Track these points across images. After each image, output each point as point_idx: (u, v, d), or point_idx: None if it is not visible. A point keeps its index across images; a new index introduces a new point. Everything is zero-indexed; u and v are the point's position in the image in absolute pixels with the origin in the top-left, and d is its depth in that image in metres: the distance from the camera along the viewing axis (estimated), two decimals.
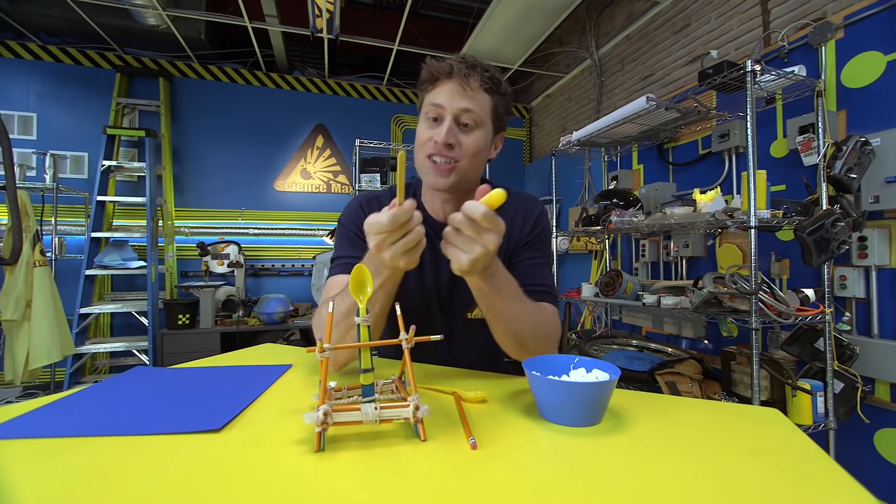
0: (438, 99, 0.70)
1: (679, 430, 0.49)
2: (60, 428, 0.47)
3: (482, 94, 0.71)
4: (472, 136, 0.72)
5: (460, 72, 0.69)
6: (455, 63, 0.70)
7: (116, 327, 3.05)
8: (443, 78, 0.71)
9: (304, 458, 0.42)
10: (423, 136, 0.72)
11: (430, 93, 0.72)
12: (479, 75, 0.70)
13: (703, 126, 2.03)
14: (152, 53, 3.16)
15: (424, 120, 0.73)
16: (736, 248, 2.00)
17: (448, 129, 0.69)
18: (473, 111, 0.71)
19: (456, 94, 0.70)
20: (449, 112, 0.70)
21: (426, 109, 0.72)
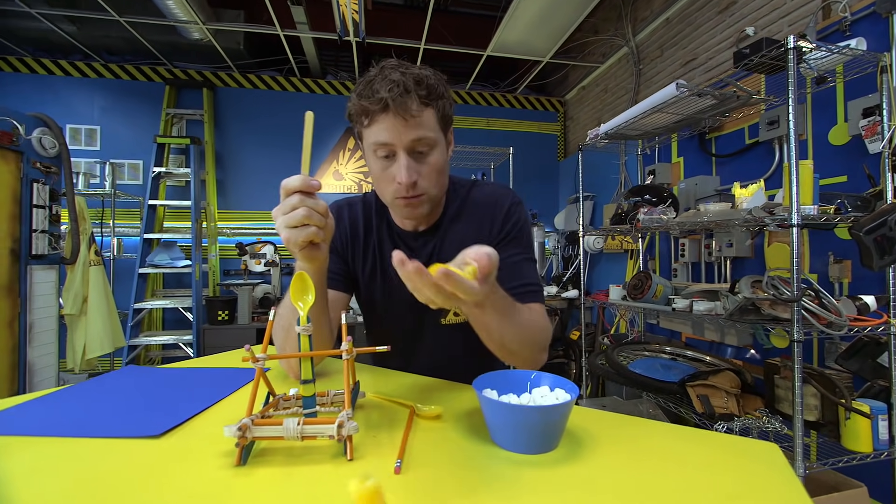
0: (382, 137, 0.64)
1: (646, 464, 0.43)
2: (11, 426, 0.49)
3: (425, 111, 0.64)
4: (431, 160, 0.67)
5: (396, 102, 0.61)
6: (386, 93, 0.61)
7: (167, 321, 3.30)
8: (378, 113, 0.63)
9: (221, 473, 0.40)
10: (382, 177, 0.68)
11: (370, 129, 0.65)
12: (416, 95, 0.63)
13: (749, 112, 1.83)
14: (197, 66, 3.37)
15: (374, 157, 0.67)
16: (787, 248, 1.79)
17: (407, 167, 0.64)
18: (425, 136, 0.64)
19: (399, 127, 0.63)
20: (400, 147, 0.64)
21: (371, 146, 0.66)
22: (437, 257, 0.78)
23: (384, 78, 0.63)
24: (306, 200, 0.52)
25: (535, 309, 0.69)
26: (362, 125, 0.66)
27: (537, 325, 0.67)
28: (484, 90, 3.91)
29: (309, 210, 0.52)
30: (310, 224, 0.52)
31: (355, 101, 0.65)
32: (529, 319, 0.66)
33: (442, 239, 0.78)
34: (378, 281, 0.80)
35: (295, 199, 0.51)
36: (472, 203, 0.78)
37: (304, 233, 0.52)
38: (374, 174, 0.70)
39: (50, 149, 2.03)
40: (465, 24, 3.20)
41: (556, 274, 3.55)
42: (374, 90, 0.62)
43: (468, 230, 0.77)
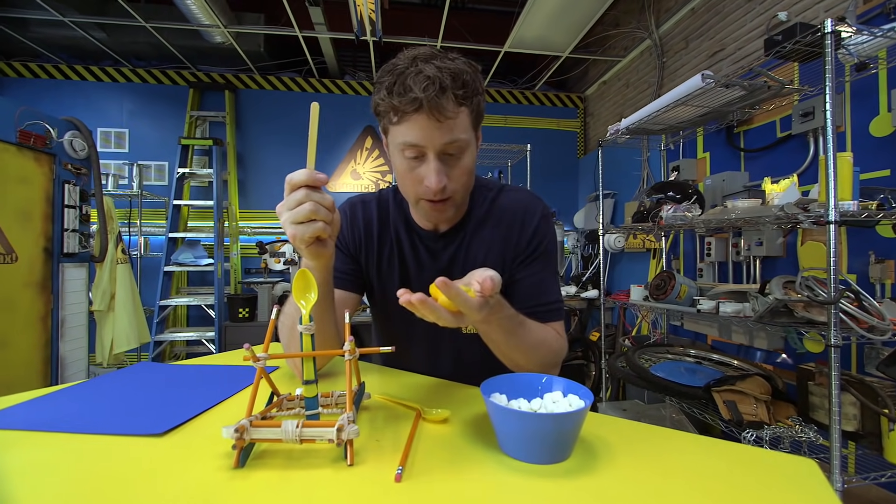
0: (413, 138, 0.59)
1: (667, 478, 0.40)
2: (18, 422, 0.50)
3: (461, 111, 0.59)
4: (462, 163, 0.63)
5: (431, 102, 0.56)
6: (421, 93, 0.55)
7: (191, 318, 3.39)
8: (410, 113, 0.58)
9: (218, 474, 0.39)
10: (408, 177, 0.63)
11: (399, 126, 0.60)
12: (452, 93, 0.57)
13: (781, 104, 1.74)
14: (219, 69, 3.45)
15: (401, 156, 0.62)
16: (823, 247, 1.69)
17: (437, 171, 0.60)
18: (458, 139, 0.60)
19: (433, 128, 0.58)
20: (431, 150, 0.60)
21: (399, 145, 0.61)
22: (460, 261, 0.75)
23: (418, 73, 0.56)
24: (312, 195, 0.50)
25: (549, 332, 0.68)
26: (390, 121, 0.61)
27: (549, 345, 0.67)
28: (502, 87, 3.86)
29: (315, 205, 0.50)
30: (316, 219, 0.51)
31: (385, 97, 0.59)
32: (541, 339, 0.65)
33: (467, 243, 0.74)
34: (395, 281, 0.77)
35: (300, 193, 0.50)
36: (499, 209, 0.74)
37: (310, 228, 0.51)
38: (399, 172, 0.66)
39: (80, 151, 2.11)
40: (482, 20, 3.17)
41: (575, 273, 3.48)
42: (406, 87, 0.56)
43: (495, 237, 0.73)
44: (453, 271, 0.75)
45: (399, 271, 0.77)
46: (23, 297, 1.93)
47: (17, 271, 1.89)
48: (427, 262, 0.76)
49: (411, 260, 0.76)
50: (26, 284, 1.94)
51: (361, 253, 0.79)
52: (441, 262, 0.75)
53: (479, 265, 0.73)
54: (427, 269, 0.76)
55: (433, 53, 0.60)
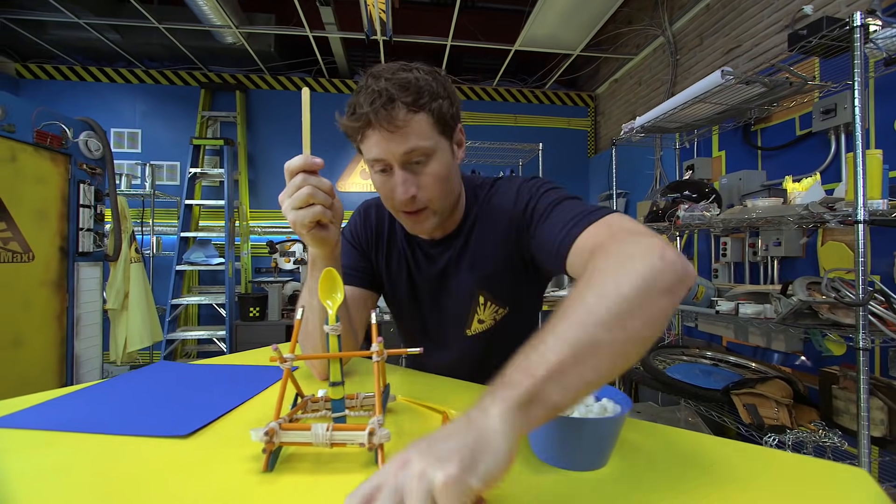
0: (374, 153, 0.59)
1: (710, 489, 0.38)
2: (43, 422, 0.49)
3: (417, 117, 0.57)
4: (430, 170, 0.61)
5: (378, 116, 0.56)
6: (368, 107, 0.56)
7: (202, 317, 3.41)
8: (364, 129, 0.58)
9: (247, 478, 0.39)
10: (383, 191, 0.64)
11: (363, 144, 0.60)
12: (401, 103, 0.56)
13: (801, 101, 1.70)
14: (230, 69, 3.47)
15: (372, 172, 0.64)
16: (845, 247, 1.65)
17: (402, 182, 0.59)
18: (417, 146, 0.58)
19: (387, 140, 0.57)
20: (393, 161, 0.59)
21: (369, 162, 0.62)
22: (458, 264, 0.73)
23: (367, 89, 0.57)
24: (309, 179, 0.51)
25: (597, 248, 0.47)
26: (356, 141, 0.62)
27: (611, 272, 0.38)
28: (511, 86, 3.84)
29: (313, 188, 0.51)
30: (315, 202, 0.51)
31: (341, 119, 0.61)
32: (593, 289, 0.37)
33: (464, 245, 0.73)
34: (404, 282, 0.78)
35: (298, 179, 0.51)
36: (490, 204, 0.72)
37: (309, 213, 0.52)
38: (377, 189, 0.66)
39: (95, 151, 2.13)
40: (493, 19, 3.15)
41: None
42: (358, 104, 0.58)
43: (493, 232, 0.70)
44: (448, 275, 0.74)
45: (406, 274, 0.77)
46: (39, 296, 1.95)
47: (33, 270, 1.91)
48: (426, 268, 0.75)
49: (413, 266, 0.77)
50: (42, 283, 1.96)
51: (373, 252, 0.79)
52: (437, 267, 0.74)
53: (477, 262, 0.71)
54: (426, 274, 0.76)
55: (389, 66, 0.59)
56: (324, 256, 0.58)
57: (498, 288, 0.72)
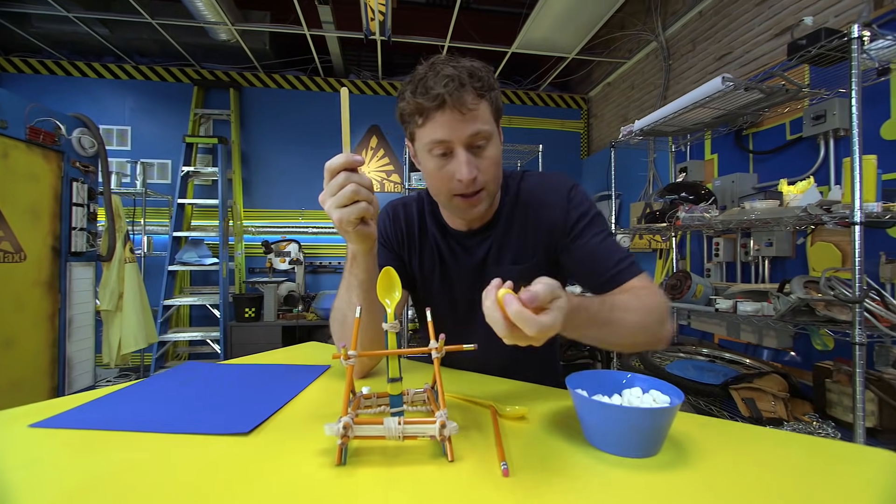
0: (439, 134, 0.61)
1: (758, 471, 0.41)
2: (104, 421, 0.49)
3: (481, 103, 0.62)
4: (488, 153, 0.64)
5: (453, 97, 0.59)
6: (442, 89, 0.59)
7: (195, 318, 3.35)
8: (433, 111, 0.60)
9: (324, 472, 0.40)
10: (438, 175, 0.65)
11: (424, 127, 0.62)
12: (471, 87, 0.60)
13: (793, 107, 1.77)
14: (224, 66, 3.42)
15: (429, 156, 0.64)
16: (833, 248, 1.73)
17: (467, 162, 0.62)
18: (481, 129, 0.62)
19: (457, 122, 0.60)
20: (458, 144, 0.62)
21: (426, 146, 0.63)
22: (496, 255, 0.76)
23: (437, 74, 0.60)
24: (352, 177, 0.52)
25: (640, 286, 0.65)
26: (416, 125, 0.63)
27: (648, 306, 0.61)
28: (506, 88, 3.88)
29: (357, 186, 0.52)
30: (359, 200, 0.52)
31: (409, 99, 0.62)
32: (626, 308, 0.59)
33: (500, 235, 0.75)
34: (437, 279, 0.79)
35: (341, 177, 0.52)
36: (526, 194, 0.75)
37: (355, 210, 0.53)
38: (429, 174, 0.67)
39: (89, 148, 2.08)
40: (490, 21, 3.18)
41: None
42: (427, 87, 0.60)
43: (529, 222, 0.74)
44: (488, 265, 0.76)
45: (440, 270, 0.79)
46: (31, 297, 1.89)
47: (25, 270, 1.86)
48: (463, 259, 0.78)
49: (450, 259, 0.78)
50: (34, 283, 1.90)
51: (405, 251, 0.81)
52: (476, 258, 0.76)
53: (516, 255, 0.74)
54: (463, 266, 0.78)
55: (450, 58, 0.64)
56: (365, 252, 0.59)
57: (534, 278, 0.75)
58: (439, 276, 0.79)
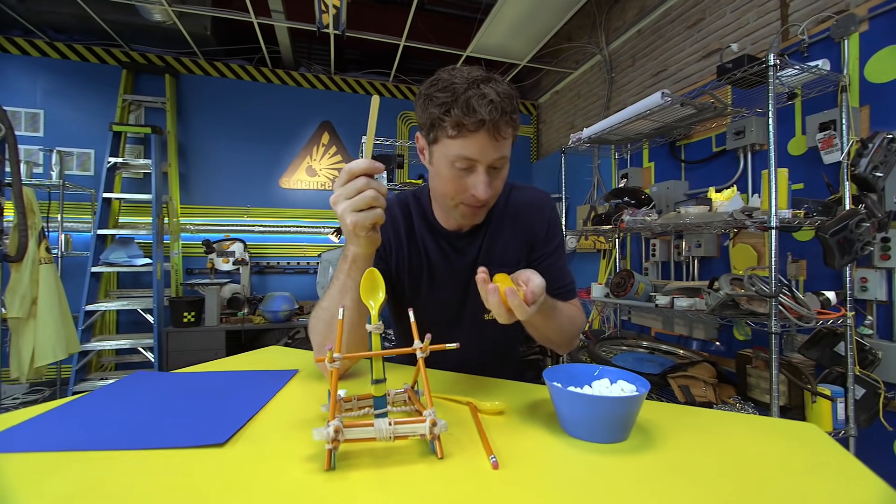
0: (469, 152, 0.63)
1: (714, 448, 0.46)
2: (58, 441, 0.44)
3: (511, 131, 0.66)
4: (502, 173, 0.70)
5: (494, 123, 0.62)
6: (486, 115, 0.60)
7: (122, 324, 3.05)
8: (471, 128, 0.62)
9: (314, 478, 0.39)
10: (454, 185, 0.67)
11: (454, 140, 0.63)
12: (509, 117, 0.63)
13: (718, 123, 1.98)
14: (158, 50, 3.14)
15: (450, 166, 0.66)
16: (750, 249, 1.95)
17: (486, 183, 0.65)
18: (505, 155, 0.66)
19: (488, 146, 0.63)
20: (483, 163, 0.65)
21: (450, 157, 0.65)
22: (483, 256, 0.80)
23: (482, 96, 0.61)
24: (372, 183, 0.53)
25: (573, 304, 0.77)
26: (445, 133, 0.64)
27: (574, 320, 0.75)
28: None
29: (376, 192, 0.53)
30: (376, 206, 0.54)
31: (446, 113, 0.62)
32: (569, 316, 0.73)
33: (490, 240, 0.80)
34: (424, 277, 0.81)
35: (361, 181, 0.52)
36: (514, 206, 0.81)
37: (371, 215, 0.54)
38: (443, 179, 0.69)
39: None
40: (446, 23, 3.21)
41: None
42: (471, 107, 0.60)
43: (513, 232, 0.80)
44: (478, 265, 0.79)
45: (428, 269, 0.81)
46: None
47: None
48: (454, 259, 0.81)
49: (438, 259, 0.80)
50: None
51: (392, 253, 0.82)
52: (468, 258, 0.80)
53: (502, 258, 0.80)
54: (455, 265, 0.81)
55: (487, 76, 0.64)
56: (367, 257, 0.61)
57: None
58: (427, 275, 0.81)
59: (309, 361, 0.80)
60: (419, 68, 3.77)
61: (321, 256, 3.18)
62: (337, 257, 3.39)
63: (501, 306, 0.52)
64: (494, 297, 0.52)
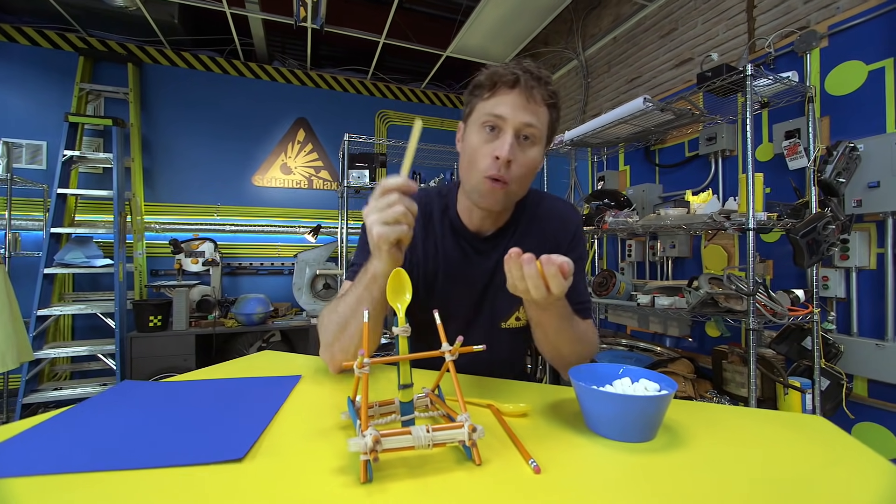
0: (499, 110, 0.65)
1: (736, 444, 0.47)
2: (56, 462, 0.40)
3: (543, 108, 0.68)
4: (531, 153, 0.68)
5: (526, 83, 0.65)
6: (521, 73, 0.65)
7: (79, 330, 2.84)
8: (504, 87, 0.65)
9: (353, 492, 0.37)
10: (480, 151, 0.68)
11: (488, 101, 0.67)
12: (544, 88, 0.66)
13: (693, 129, 2.07)
14: (120, 37, 2.95)
15: (478, 128, 0.67)
16: (721, 250, 2.05)
17: (510, 144, 0.65)
18: (535, 126, 0.66)
19: (519, 106, 0.65)
20: (511, 126, 0.65)
21: (482, 118, 0.67)
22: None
23: (518, 64, 0.66)
24: (404, 200, 0.54)
25: (588, 326, 0.76)
26: (481, 97, 0.67)
27: (588, 338, 0.74)
28: (438, 90, 3.93)
29: (405, 209, 0.54)
30: (403, 223, 0.54)
31: (487, 72, 0.67)
32: (583, 332, 0.72)
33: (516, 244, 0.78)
34: (440, 279, 0.79)
35: (394, 196, 0.53)
36: (542, 216, 0.81)
37: (397, 230, 0.54)
38: (471, 150, 0.69)
39: None
40: (426, 23, 3.19)
41: None
42: (508, 67, 0.66)
43: (539, 241, 0.79)
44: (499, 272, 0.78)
45: (444, 268, 0.79)
46: None
47: None
48: (475, 261, 0.79)
49: (458, 260, 0.79)
50: None
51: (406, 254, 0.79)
52: (490, 262, 0.78)
53: None
54: (476, 267, 0.79)
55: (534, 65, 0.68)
56: (386, 274, 0.59)
57: None
58: (444, 276, 0.79)
59: (310, 366, 0.76)
60: (398, 67, 3.73)
61: (298, 257, 3.09)
62: (314, 257, 3.27)
63: (539, 278, 0.51)
64: (531, 267, 0.51)
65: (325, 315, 0.71)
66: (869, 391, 1.52)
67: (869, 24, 1.56)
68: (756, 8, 2.00)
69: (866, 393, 1.53)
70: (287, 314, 3.14)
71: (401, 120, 3.80)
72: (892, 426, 1.44)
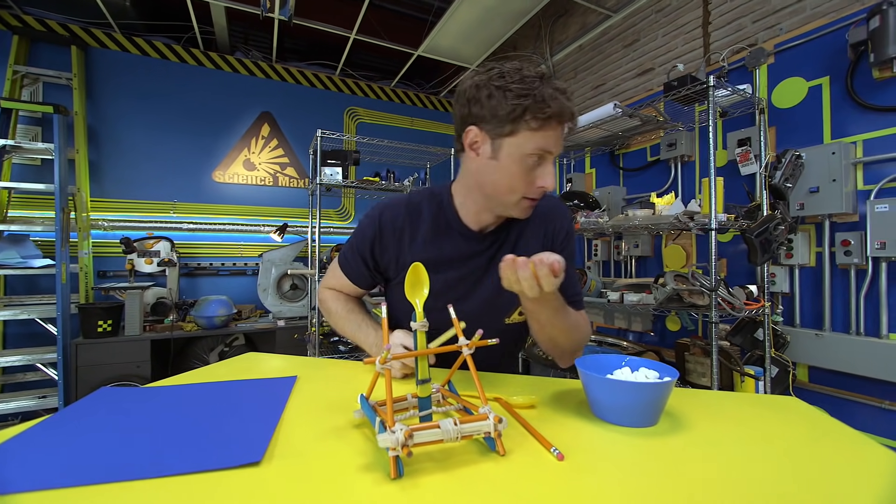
0: (549, 144, 0.66)
1: (732, 424, 0.51)
2: (58, 475, 0.36)
3: None
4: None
5: (570, 117, 0.66)
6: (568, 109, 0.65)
7: (11, 337, 2.57)
8: (555, 121, 0.64)
9: (387, 489, 0.36)
10: (524, 179, 0.68)
11: (537, 132, 0.64)
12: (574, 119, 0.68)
13: (655, 135, 2.19)
14: (61, 17, 2.70)
15: (522, 159, 0.66)
16: (681, 249, 2.18)
17: (552, 174, 0.68)
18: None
19: (560, 139, 0.67)
20: (553, 156, 0.68)
21: (530, 148, 0.65)
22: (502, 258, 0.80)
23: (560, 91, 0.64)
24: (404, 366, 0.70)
25: (582, 317, 0.79)
26: (527, 126, 0.64)
27: (581, 328, 0.77)
28: (409, 89, 3.91)
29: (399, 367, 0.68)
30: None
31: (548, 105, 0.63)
32: (575, 321, 0.74)
33: (512, 242, 0.81)
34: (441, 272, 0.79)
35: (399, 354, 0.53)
36: (540, 212, 0.81)
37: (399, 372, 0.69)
38: (510, 174, 0.68)
39: None
40: (398, 21, 3.16)
41: None
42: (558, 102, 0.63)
43: (534, 236, 0.81)
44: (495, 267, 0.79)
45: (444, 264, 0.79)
46: None
47: None
48: (474, 258, 0.80)
49: (455, 258, 0.79)
50: None
51: (387, 252, 0.81)
52: (486, 257, 0.79)
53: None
54: (475, 263, 0.80)
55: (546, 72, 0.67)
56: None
57: None
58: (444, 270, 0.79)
59: (303, 366, 0.74)
60: (366, 64, 3.68)
61: (263, 257, 2.97)
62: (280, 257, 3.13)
63: (533, 278, 0.54)
64: (525, 269, 0.54)
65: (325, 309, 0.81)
66: (809, 377, 1.68)
67: (809, 45, 1.72)
68: (711, 24, 2.15)
69: (807, 378, 1.68)
70: (251, 316, 3.00)
71: (371, 118, 3.74)
72: (829, 408, 1.60)
